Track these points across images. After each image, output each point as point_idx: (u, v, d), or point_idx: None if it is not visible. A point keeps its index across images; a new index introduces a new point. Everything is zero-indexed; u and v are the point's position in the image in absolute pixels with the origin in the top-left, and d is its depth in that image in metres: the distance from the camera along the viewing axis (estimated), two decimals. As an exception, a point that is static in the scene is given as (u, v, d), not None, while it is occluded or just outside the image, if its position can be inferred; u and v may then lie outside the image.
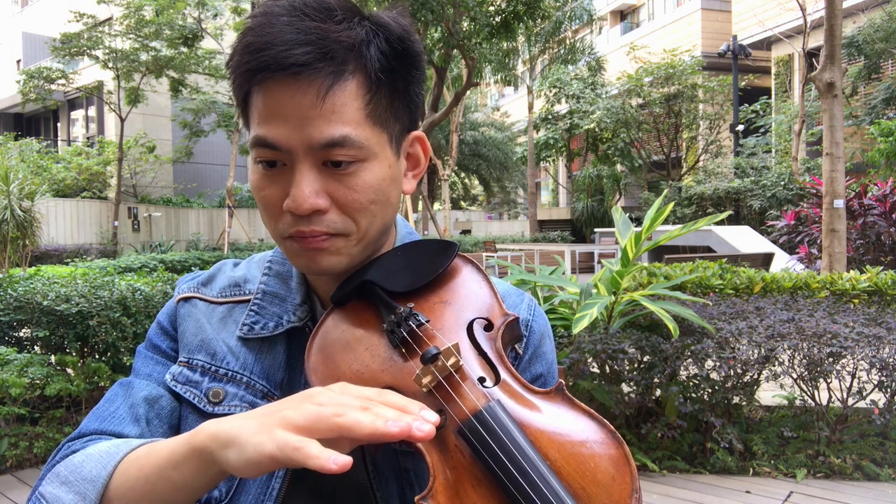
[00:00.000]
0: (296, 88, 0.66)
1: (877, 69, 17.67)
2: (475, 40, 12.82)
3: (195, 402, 0.76)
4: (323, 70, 0.66)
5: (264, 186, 0.71)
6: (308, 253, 0.72)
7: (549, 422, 0.62)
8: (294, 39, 0.65)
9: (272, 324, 0.79)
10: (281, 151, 0.68)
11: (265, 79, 0.66)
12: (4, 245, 9.27)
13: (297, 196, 0.67)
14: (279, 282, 0.83)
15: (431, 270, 0.75)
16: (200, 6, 18.61)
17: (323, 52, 0.66)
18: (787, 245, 10.55)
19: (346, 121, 0.67)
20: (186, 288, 0.86)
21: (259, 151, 0.69)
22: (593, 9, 22.93)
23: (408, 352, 0.67)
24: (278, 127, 0.67)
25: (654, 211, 3.72)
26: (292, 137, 0.67)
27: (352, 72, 0.68)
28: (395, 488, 0.73)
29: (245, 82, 0.68)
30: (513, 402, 0.64)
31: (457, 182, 36.37)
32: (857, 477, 3.50)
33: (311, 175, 0.68)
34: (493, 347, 0.69)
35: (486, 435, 0.60)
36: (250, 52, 0.66)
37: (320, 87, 0.66)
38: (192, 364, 0.79)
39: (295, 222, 0.70)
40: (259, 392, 0.76)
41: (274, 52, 0.65)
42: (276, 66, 0.65)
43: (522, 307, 0.84)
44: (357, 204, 0.70)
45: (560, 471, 0.59)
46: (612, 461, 0.59)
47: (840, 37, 6.85)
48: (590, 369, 3.71)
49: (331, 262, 0.73)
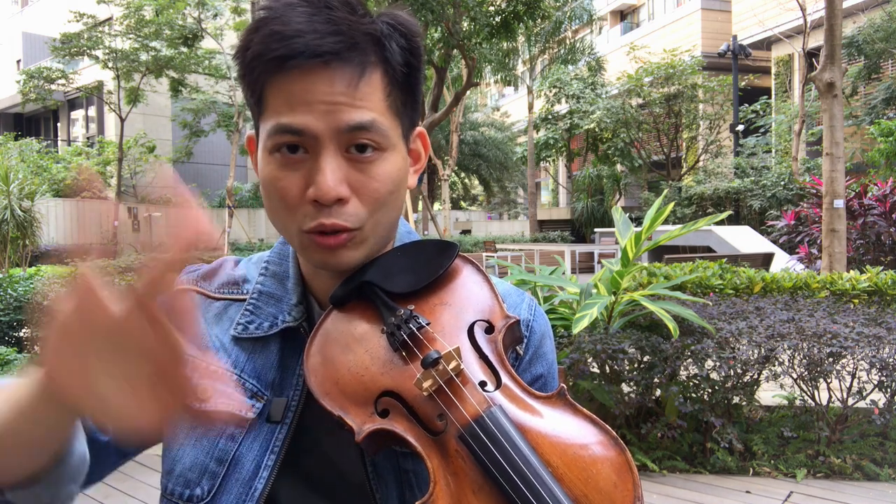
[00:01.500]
0: (326, 77, 0.66)
1: (877, 69, 17.68)
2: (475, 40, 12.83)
3: None
4: (352, 60, 0.67)
5: (282, 177, 0.70)
6: (329, 250, 0.71)
7: (550, 427, 0.62)
8: (325, 29, 0.66)
9: (267, 324, 0.79)
10: (305, 137, 0.68)
11: (293, 67, 0.66)
12: (4, 245, 9.27)
13: (322, 184, 0.67)
14: (276, 282, 0.82)
15: (432, 271, 0.74)
16: (200, 6, 18.61)
17: (352, 42, 0.67)
18: (787, 245, 10.54)
19: (373, 108, 0.69)
20: (186, 280, 0.86)
21: (281, 138, 0.69)
22: (593, 9, 22.95)
23: (408, 355, 0.67)
24: (304, 114, 0.67)
25: (654, 211, 3.72)
26: (319, 123, 0.67)
27: (375, 64, 0.69)
28: (395, 489, 0.73)
29: (267, 70, 0.68)
30: (514, 407, 0.63)
31: (457, 182, 36.36)
32: (857, 477, 3.50)
33: (335, 162, 0.68)
34: (494, 350, 0.68)
35: (487, 440, 0.59)
36: (277, 40, 0.66)
37: (351, 76, 0.67)
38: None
39: (317, 214, 0.69)
40: (248, 391, 0.76)
41: (306, 40, 0.65)
42: (308, 53, 0.65)
43: (523, 307, 0.84)
44: (377, 194, 0.71)
45: (562, 477, 0.58)
46: (615, 467, 0.58)
47: (840, 37, 6.85)
48: (590, 369, 3.70)
49: (350, 258, 0.72)
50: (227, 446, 0.74)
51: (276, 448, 0.74)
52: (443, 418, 0.63)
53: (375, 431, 0.63)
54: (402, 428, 0.63)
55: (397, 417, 0.64)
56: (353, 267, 0.74)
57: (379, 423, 0.64)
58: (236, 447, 0.74)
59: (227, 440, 0.74)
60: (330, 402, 0.66)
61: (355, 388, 0.67)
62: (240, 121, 20.17)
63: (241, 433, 0.75)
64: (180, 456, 0.75)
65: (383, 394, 0.66)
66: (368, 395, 0.66)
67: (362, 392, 0.66)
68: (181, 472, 0.74)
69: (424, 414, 0.64)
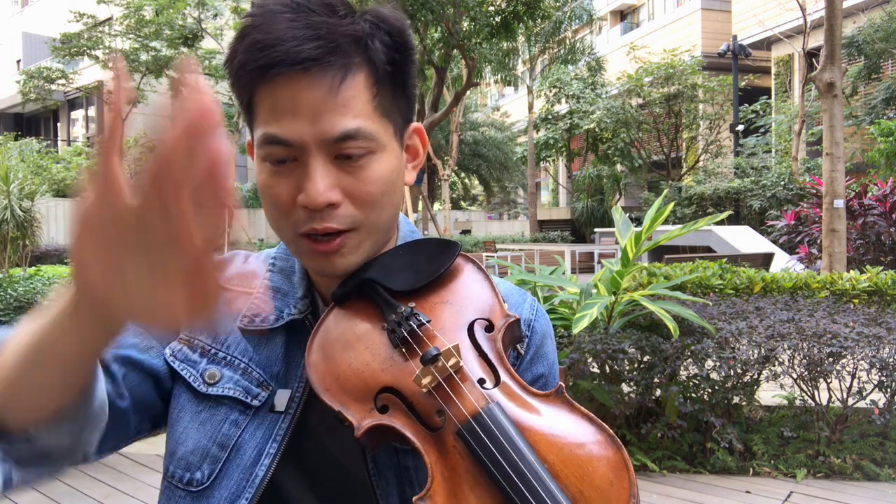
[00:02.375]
0: (307, 83, 0.66)
1: (877, 69, 17.67)
2: (475, 40, 12.83)
3: (191, 381, 0.76)
4: (333, 64, 0.67)
5: (274, 184, 0.70)
6: (323, 256, 0.72)
7: (547, 425, 0.62)
8: (303, 35, 0.65)
9: (272, 317, 0.79)
10: (293, 147, 0.68)
11: (275, 75, 0.66)
12: (4, 245, 9.27)
13: (311, 190, 0.67)
14: (283, 277, 0.83)
15: (433, 270, 0.75)
16: (200, 6, 18.62)
17: (332, 46, 0.67)
18: (787, 245, 10.55)
19: (357, 113, 0.68)
20: None
21: (269, 149, 0.69)
22: (593, 9, 22.96)
23: (408, 352, 0.67)
24: (290, 123, 0.67)
25: (654, 211, 3.72)
26: (305, 132, 0.67)
27: (359, 65, 0.69)
28: (395, 486, 0.73)
29: (253, 80, 0.68)
30: (512, 405, 0.63)
31: (457, 182, 36.36)
32: (857, 477, 3.50)
33: (324, 169, 0.68)
34: (493, 349, 0.69)
35: (484, 437, 0.60)
36: (258, 49, 0.66)
37: (332, 80, 0.67)
38: (193, 343, 0.79)
39: (309, 219, 0.70)
40: (255, 380, 0.77)
41: (285, 48, 0.65)
42: (288, 61, 0.65)
43: (525, 307, 0.84)
44: (369, 196, 0.71)
45: (558, 474, 0.59)
46: (611, 465, 0.59)
47: (840, 37, 6.85)
48: (590, 369, 3.70)
49: (345, 264, 0.73)
50: (230, 431, 0.74)
51: (278, 437, 0.74)
52: (441, 414, 0.63)
53: (374, 427, 0.64)
54: (400, 424, 0.64)
55: (396, 413, 0.65)
56: (349, 271, 0.74)
57: (378, 418, 0.64)
58: (239, 433, 0.74)
59: (230, 425, 0.75)
60: (330, 397, 0.66)
61: (355, 384, 0.67)
62: (240, 121, 20.18)
63: (245, 419, 0.75)
64: (183, 438, 0.75)
65: (383, 390, 0.66)
66: (368, 391, 0.66)
67: (362, 388, 0.67)
68: (183, 454, 0.75)
69: (423, 410, 0.64)
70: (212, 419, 0.75)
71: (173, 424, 0.77)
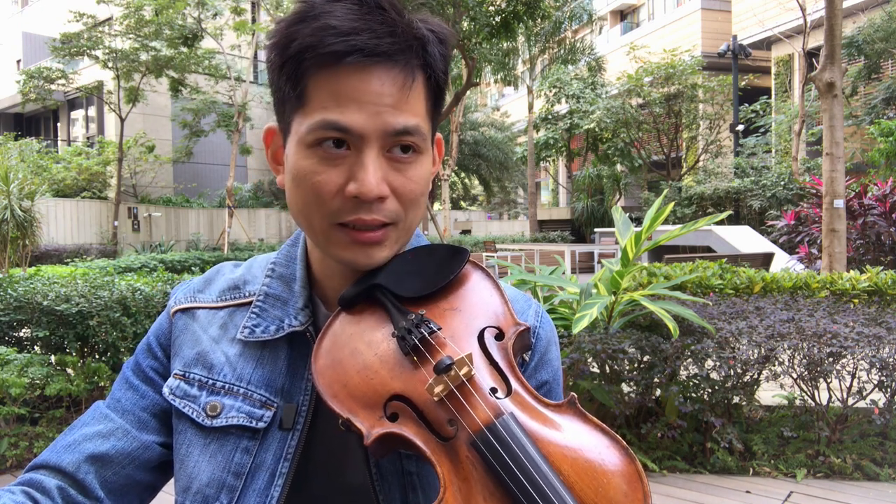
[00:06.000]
0: (378, 75, 0.67)
1: (877, 69, 17.67)
2: (475, 40, 12.83)
3: (194, 417, 0.76)
4: (402, 63, 0.68)
5: (321, 171, 0.69)
6: (361, 247, 0.72)
7: (561, 436, 0.62)
8: (381, 30, 0.66)
9: (273, 327, 0.78)
10: (351, 136, 0.68)
11: (350, 63, 0.66)
12: (4, 245, 9.26)
13: (366, 181, 0.67)
14: (282, 284, 0.82)
15: (442, 276, 0.74)
16: (200, 6, 18.60)
17: (406, 45, 0.68)
18: (787, 245, 10.55)
19: (417, 112, 0.70)
20: (183, 298, 0.85)
21: (325, 134, 0.68)
22: (593, 9, 22.97)
23: (419, 359, 0.66)
24: (354, 112, 0.67)
25: (654, 211, 3.72)
26: (367, 123, 0.67)
27: (419, 68, 0.70)
28: (398, 491, 0.73)
29: (319, 64, 0.67)
30: (525, 415, 0.63)
31: (457, 182, 36.35)
32: (857, 477, 3.50)
33: (378, 162, 0.69)
34: (504, 357, 0.68)
35: (499, 448, 0.59)
36: (333, 35, 0.65)
37: (404, 78, 0.68)
38: (189, 378, 0.78)
39: (355, 209, 0.69)
40: (257, 402, 0.76)
41: (364, 38, 0.65)
42: (367, 51, 0.65)
43: (530, 313, 0.84)
44: (412, 194, 0.72)
45: (573, 486, 0.58)
46: (625, 477, 0.59)
47: (840, 37, 6.84)
48: (590, 369, 3.70)
49: (381, 257, 0.73)
50: (242, 459, 0.74)
51: (289, 455, 0.74)
52: (453, 424, 0.63)
53: (385, 435, 0.63)
54: (411, 432, 0.63)
55: (407, 422, 0.64)
56: (376, 266, 0.74)
57: (388, 426, 0.63)
58: (252, 459, 0.74)
59: (242, 453, 0.75)
60: (338, 404, 0.66)
61: (364, 391, 0.66)
62: (240, 121, 20.17)
63: (255, 445, 0.75)
64: (196, 472, 0.75)
65: (393, 398, 0.65)
66: (378, 398, 0.66)
67: (371, 395, 0.66)
68: (199, 488, 0.74)
69: (435, 419, 0.64)
70: (222, 450, 0.75)
71: (183, 460, 0.76)
